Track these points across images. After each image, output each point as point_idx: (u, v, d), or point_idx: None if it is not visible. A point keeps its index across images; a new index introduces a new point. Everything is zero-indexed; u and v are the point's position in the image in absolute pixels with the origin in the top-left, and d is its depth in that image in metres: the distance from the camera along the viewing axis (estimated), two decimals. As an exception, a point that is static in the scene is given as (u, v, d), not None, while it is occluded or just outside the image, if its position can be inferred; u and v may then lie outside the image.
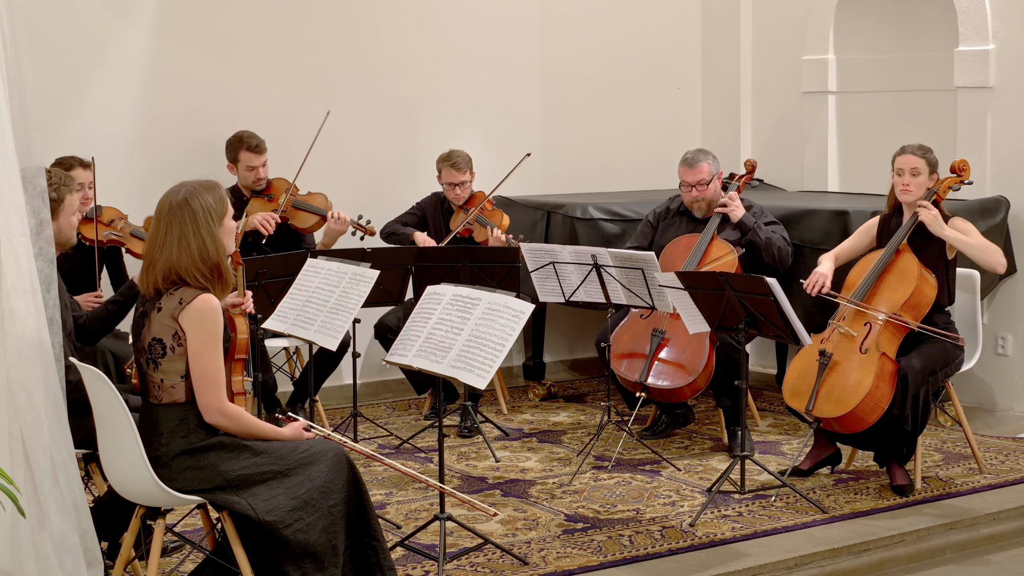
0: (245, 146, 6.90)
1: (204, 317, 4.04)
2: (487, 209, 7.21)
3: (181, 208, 4.11)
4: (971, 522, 5.45)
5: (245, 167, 6.91)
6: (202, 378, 4.05)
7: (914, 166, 5.80)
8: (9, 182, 4.12)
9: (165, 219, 4.12)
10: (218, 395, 4.06)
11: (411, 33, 7.96)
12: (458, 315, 4.70)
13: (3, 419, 4.08)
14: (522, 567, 4.83)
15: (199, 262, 4.08)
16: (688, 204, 6.71)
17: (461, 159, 7.19)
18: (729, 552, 5.02)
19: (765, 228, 6.53)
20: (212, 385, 4.05)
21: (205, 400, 4.06)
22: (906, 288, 5.68)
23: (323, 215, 6.93)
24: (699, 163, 6.61)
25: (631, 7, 8.74)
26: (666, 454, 6.37)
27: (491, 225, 7.10)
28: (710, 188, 6.61)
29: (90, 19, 6.98)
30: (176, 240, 4.08)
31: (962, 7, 7.29)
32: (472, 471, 6.17)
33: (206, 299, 4.05)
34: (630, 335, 6.49)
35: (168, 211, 4.13)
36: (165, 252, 4.08)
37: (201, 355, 4.04)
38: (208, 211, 4.12)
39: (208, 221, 4.11)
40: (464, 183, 7.19)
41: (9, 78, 4.14)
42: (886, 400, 5.54)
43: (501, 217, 7.20)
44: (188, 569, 4.65)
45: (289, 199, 6.91)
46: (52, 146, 6.03)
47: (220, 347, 4.07)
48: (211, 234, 4.11)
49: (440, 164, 7.25)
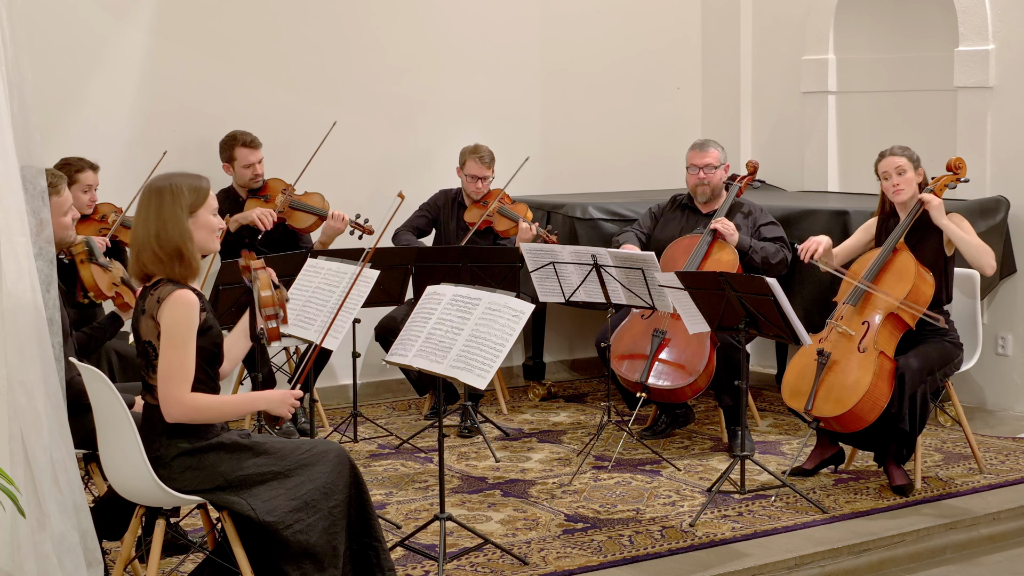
0: (240, 143, 6.90)
1: (174, 310, 3.98)
2: (507, 202, 7.23)
3: (150, 192, 4.10)
4: (971, 522, 5.45)
5: (242, 165, 6.91)
6: (164, 372, 3.98)
7: (898, 165, 5.81)
8: (9, 182, 4.12)
9: (143, 201, 4.12)
10: (178, 389, 3.97)
11: (410, 34, 7.95)
12: (458, 315, 4.70)
13: (3, 419, 4.08)
14: (522, 567, 4.83)
15: (154, 243, 4.03)
16: (692, 188, 6.77)
17: (487, 154, 7.24)
18: (729, 552, 5.02)
19: (760, 247, 6.54)
20: (172, 380, 3.97)
21: (165, 395, 3.98)
22: (904, 286, 5.68)
23: (321, 215, 6.93)
24: (709, 148, 6.74)
25: (631, 7, 8.74)
26: (666, 454, 6.37)
27: (519, 217, 7.11)
28: (716, 175, 6.71)
29: (89, 19, 6.98)
30: (141, 222, 4.08)
31: (962, 7, 7.29)
32: (472, 471, 6.17)
33: (180, 294, 4.00)
34: (631, 335, 6.49)
35: (143, 196, 4.13)
36: (137, 234, 4.08)
37: (166, 349, 3.98)
38: (176, 196, 4.06)
39: (174, 206, 4.05)
40: (487, 178, 7.22)
41: (9, 78, 4.14)
42: (885, 399, 5.54)
43: (525, 209, 7.22)
44: (188, 569, 4.65)
45: (287, 200, 6.91)
46: (52, 146, 6.02)
47: (189, 341, 3.99)
48: (175, 218, 4.05)
49: (467, 156, 7.25)
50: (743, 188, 6.74)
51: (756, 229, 6.65)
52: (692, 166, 6.76)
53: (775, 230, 6.67)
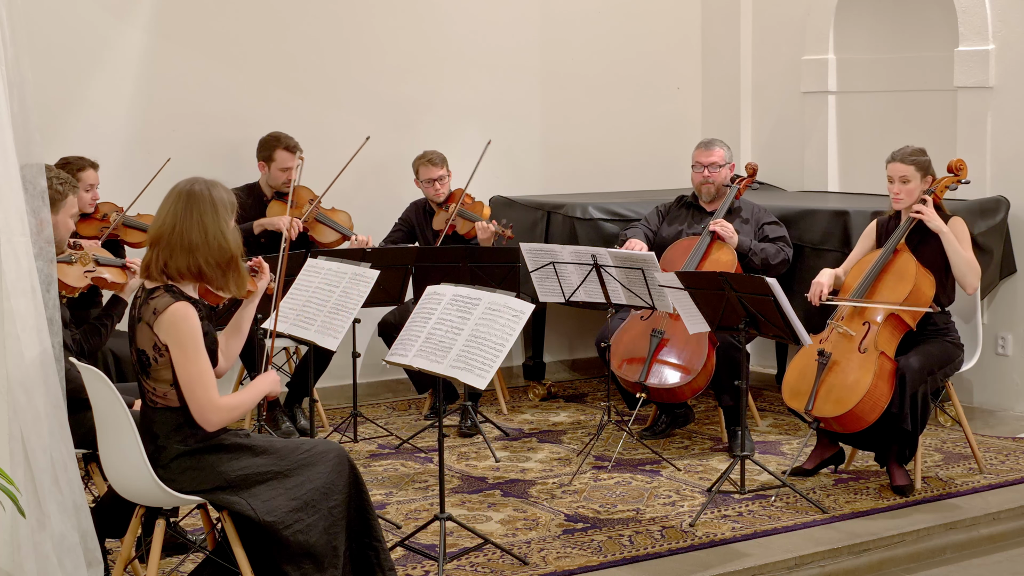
0: (283, 145, 6.97)
1: (176, 326, 3.99)
2: (467, 203, 7.23)
3: (201, 197, 4.09)
4: (971, 522, 5.45)
5: (280, 167, 6.97)
6: (188, 385, 4.01)
7: (903, 174, 5.80)
8: (9, 182, 4.12)
9: (183, 203, 4.08)
10: (207, 395, 4.01)
11: (410, 34, 7.95)
12: (458, 315, 4.70)
13: (3, 419, 4.08)
14: (522, 567, 4.83)
15: (216, 252, 4.06)
16: (697, 187, 6.80)
17: (436, 155, 7.26)
18: (729, 552, 5.02)
19: (760, 248, 6.55)
20: (198, 388, 4.00)
21: (196, 405, 4.01)
22: (904, 287, 5.68)
23: (345, 235, 6.98)
24: (714, 146, 6.80)
25: (631, 8, 8.74)
26: (666, 454, 6.37)
27: (474, 217, 7.11)
28: (721, 173, 6.76)
29: (89, 19, 6.98)
30: (196, 225, 4.05)
31: (962, 7, 7.29)
32: (472, 471, 6.17)
33: (177, 307, 4.00)
34: (630, 336, 6.49)
35: (188, 197, 4.09)
36: (186, 236, 4.04)
37: (182, 363, 4.00)
38: (226, 205, 4.13)
39: (225, 215, 4.12)
40: (441, 178, 7.23)
41: (9, 78, 4.14)
42: (885, 399, 5.54)
43: (483, 208, 7.23)
44: (188, 569, 4.65)
45: (314, 211, 6.94)
46: (52, 146, 6.03)
47: (201, 349, 4.01)
48: (229, 227, 4.11)
49: (415, 164, 7.31)
50: (742, 190, 6.75)
51: (760, 228, 6.66)
52: (697, 164, 6.79)
53: (778, 229, 6.67)
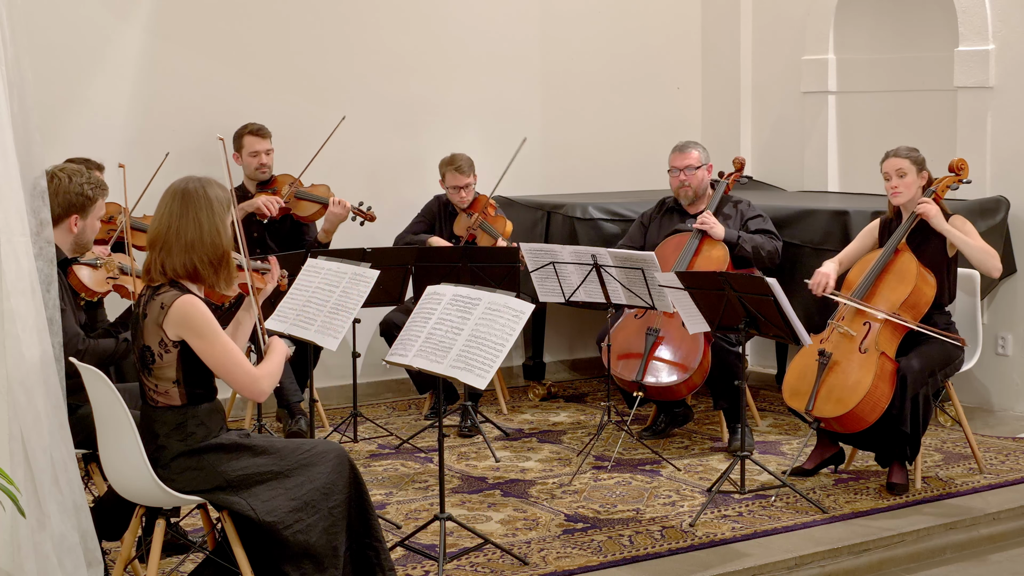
0: (248, 130, 7.01)
1: (189, 316, 4.01)
2: (490, 215, 7.20)
3: (197, 195, 4.11)
4: (971, 522, 5.45)
5: (249, 152, 6.98)
6: (222, 367, 4.05)
7: (898, 167, 5.80)
8: (9, 182, 4.12)
9: (179, 202, 4.11)
10: (244, 370, 4.06)
11: (410, 33, 7.95)
12: (458, 315, 4.70)
13: (3, 419, 4.08)
14: (522, 567, 4.83)
15: (209, 249, 4.08)
16: (675, 191, 6.81)
17: (464, 162, 7.19)
18: (729, 552, 5.02)
19: (749, 237, 6.55)
20: (232, 366, 4.05)
21: (240, 383, 4.07)
22: (905, 287, 5.68)
23: (324, 203, 6.97)
24: (688, 149, 6.77)
25: (631, 7, 8.74)
26: (666, 454, 6.37)
27: (495, 234, 7.11)
28: (697, 175, 6.73)
29: (90, 19, 6.98)
30: (192, 223, 4.08)
31: (962, 7, 7.29)
32: (472, 471, 6.17)
33: (183, 301, 4.02)
34: (625, 335, 6.49)
35: (183, 195, 4.12)
36: (182, 234, 4.07)
37: (207, 351, 4.03)
38: (221, 202, 4.15)
39: (221, 211, 4.14)
40: (468, 186, 7.20)
41: (9, 78, 4.14)
42: (885, 400, 5.54)
43: (504, 224, 7.20)
44: (188, 569, 4.65)
45: (292, 191, 6.95)
46: (52, 146, 6.02)
47: (219, 332, 4.04)
48: (224, 224, 4.14)
49: (443, 168, 7.25)
50: (731, 184, 6.77)
51: (744, 223, 6.66)
52: (673, 168, 6.79)
53: (762, 223, 6.67)
